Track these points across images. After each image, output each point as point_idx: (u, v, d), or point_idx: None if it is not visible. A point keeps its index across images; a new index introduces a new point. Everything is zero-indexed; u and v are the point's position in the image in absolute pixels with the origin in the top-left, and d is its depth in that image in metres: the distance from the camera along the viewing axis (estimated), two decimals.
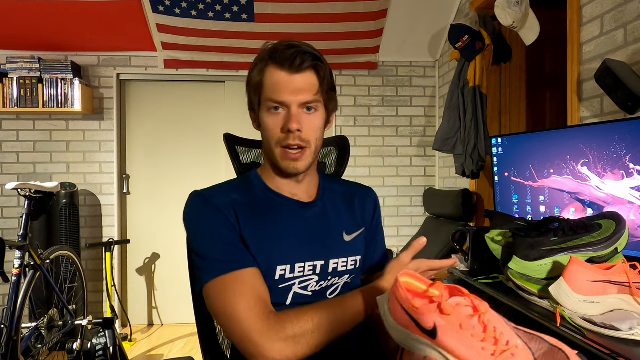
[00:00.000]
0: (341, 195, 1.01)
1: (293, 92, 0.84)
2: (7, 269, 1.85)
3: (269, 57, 0.86)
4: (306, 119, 0.86)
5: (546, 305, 0.96)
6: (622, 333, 0.79)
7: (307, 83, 0.85)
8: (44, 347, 2.12)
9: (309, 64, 0.84)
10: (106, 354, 2.04)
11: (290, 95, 0.84)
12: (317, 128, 0.89)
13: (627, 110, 1.34)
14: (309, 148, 0.88)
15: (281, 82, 0.84)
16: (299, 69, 0.84)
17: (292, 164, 0.88)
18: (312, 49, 0.87)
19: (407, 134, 3.37)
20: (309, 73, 0.85)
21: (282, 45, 0.85)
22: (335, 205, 0.98)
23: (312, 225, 0.93)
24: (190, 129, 3.35)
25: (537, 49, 2.36)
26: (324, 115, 0.91)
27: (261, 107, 0.89)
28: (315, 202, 0.96)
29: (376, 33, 3.08)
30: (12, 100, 2.90)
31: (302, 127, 0.85)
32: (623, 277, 0.87)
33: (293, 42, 0.85)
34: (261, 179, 0.96)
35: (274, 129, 0.87)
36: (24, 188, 2.13)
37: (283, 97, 0.84)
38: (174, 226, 3.32)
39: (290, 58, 0.83)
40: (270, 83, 0.85)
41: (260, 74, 0.87)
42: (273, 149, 0.89)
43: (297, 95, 0.84)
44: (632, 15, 1.50)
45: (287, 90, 0.84)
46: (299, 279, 0.87)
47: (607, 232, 1.00)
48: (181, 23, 2.92)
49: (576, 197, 1.38)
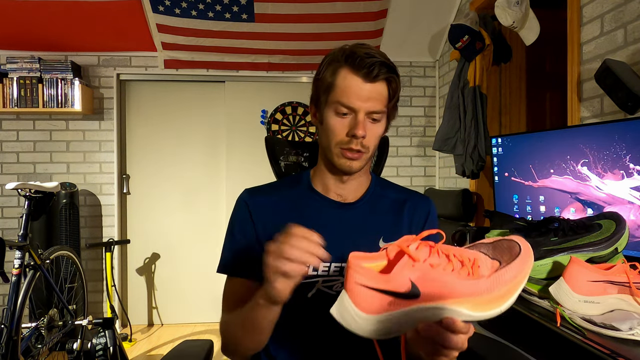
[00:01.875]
0: (391, 201, 1.00)
1: (364, 100, 0.85)
2: (7, 269, 1.85)
3: (345, 61, 0.86)
4: (370, 127, 0.88)
5: (546, 305, 0.96)
6: (622, 333, 0.79)
7: (378, 93, 0.86)
8: (44, 347, 2.12)
9: (384, 75, 0.85)
10: (106, 354, 2.04)
11: (360, 101, 0.85)
12: (378, 136, 0.91)
13: (627, 110, 1.34)
14: (366, 153, 0.90)
15: (354, 88, 0.85)
16: (375, 78, 0.84)
17: (348, 163, 0.90)
18: (388, 60, 0.87)
19: (407, 134, 3.37)
20: (381, 84, 0.86)
21: (361, 51, 0.85)
22: (380, 211, 0.98)
23: (347, 226, 0.94)
24: (190, 129, 3.35)
25: (537, 49, 2.36)
26: (385, 125, 0.93)
27: (327, 106, 0.89)
28: (356, 204, 0.97)
29: (376, 33, 3.08)
30: (12, 100, 2.90)
31: (366, 134, 0.87)
32: (623, 277, 0.87)
33: (371, 50, 0.86)
34: (309, 178, 1.00)
35: (339, 131, 0.88)
36: (24, 188, 2.13)
37: (353, 103, 0.85)
38: (174, 226, 3.32)
39: (367, 66, 0.83)
40: (342, 86, 0.86)
41: (333, 75, 0.87)
42: (332, 148, 0.91)
43: (366, 103, 0.85)
44: (632, 15, 1.50)
45: (358, 97, 0.85)
46: (323, 278, 0.90)
47: (607, 232, 1.00)
48: (181, 23, 2.92)
49: (576, 197, 1.38)
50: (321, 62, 0.92)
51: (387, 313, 0.54)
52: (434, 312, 0.55)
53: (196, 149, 3.35)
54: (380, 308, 0.54)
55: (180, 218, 3.32)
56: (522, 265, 0.58)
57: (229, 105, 3.32)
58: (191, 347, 0.99)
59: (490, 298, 0.56)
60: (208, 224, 3.34)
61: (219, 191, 3.33)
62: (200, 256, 3.31)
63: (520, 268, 0.58)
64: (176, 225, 3.32)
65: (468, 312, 0.55)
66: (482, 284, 0.56)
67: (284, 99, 3.33)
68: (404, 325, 0.56)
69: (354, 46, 0.88)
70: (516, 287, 0.58)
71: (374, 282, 0.54)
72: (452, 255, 0.58)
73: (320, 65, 0.92)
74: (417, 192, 1.07)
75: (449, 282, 0.55)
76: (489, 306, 0.56)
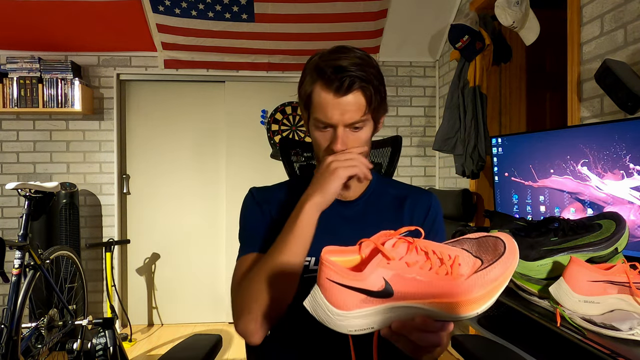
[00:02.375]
0: (392, 198, 1.01)
1: (339, 114, 0.85)
2: (7, 269, 1.85)
3: (317, 74, 0.85)
4: (352, 136, 0.88)
5: (546, 305, 0.96)
6: (622, 333, 0.79)
7: (354, 104, 0.84)
8: (44, 347, 2.12)
9: (357, 86, 0.83)
10: (106, 354, 2.04)
11: (337, 116, 0.85)
12: (364, 141, 0.90)
13: (627, 110, 1.34)
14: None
15: (328, 104, 0.84)
16: (347, 91, 0.83)
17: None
18: (360, 66, 0.84)
19: (407, 134, 3.37)
20: (356, 94, 0.84)
21: (329, 65, 0.83)
22: (381, 207, 0.98)
23: (346, 222, 0.95)
24: (190, 129, 3.35)
25: (537, 49, 2.36)
26: (372, 127, 0.92)
27: (310, 121, 0.91)
28: (357, 201, 0.98)
29: (376, 33, 3.08)
30: (12, 100, 2.90)
31: (347, 146, 0.87)
32: (623, 277, 0.87)
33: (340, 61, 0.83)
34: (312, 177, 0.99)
35: (322, 144, 0.90)
36: (24, 188, 2.13)
37: (330, 119, 0.85)
38: (174, 226, 3.32)
39: (338, 80, 0.82)
40: (317, 102, 0.86)
41: (309, 88, 0.87)
42: (321, 158, 0.92)
43: (343, 116, 0.85)
44: (632, 15, 1.50)
45: (334, 112, 0.84)
46: None
47: (607, 232, 1.00)
48: (181, 23, 2.92)
49: (576, 197, 1.38)
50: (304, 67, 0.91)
51: (359, 310, 0.53)
52: (407, 311, 0.54)
53: (196, 149, 3.35)
54: (352, 305, 0.53)
55: (180, 218, 3.32)
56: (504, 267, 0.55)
57: (229, 105, 3.32)
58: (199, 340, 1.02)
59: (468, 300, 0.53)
60: (208, 224, 3.34)
61: (219, 191, 3.33)
62: (200, 256, 3.31)
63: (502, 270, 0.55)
64: (176, 225, 3.32)
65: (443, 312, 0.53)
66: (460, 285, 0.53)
67: (284, 99, 3.33)
68: (377, 323, 0.54)
69: (323, 57, 0.86)
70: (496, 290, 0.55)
71: (345, 279, 0.53)
72: (431, 252, 0.55)
73: (301, 75, 0.91)
74: (420, 187, 1.07)
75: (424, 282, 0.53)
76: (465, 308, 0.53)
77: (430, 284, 0.53)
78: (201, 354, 0.95)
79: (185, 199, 3.33)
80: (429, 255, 0.55)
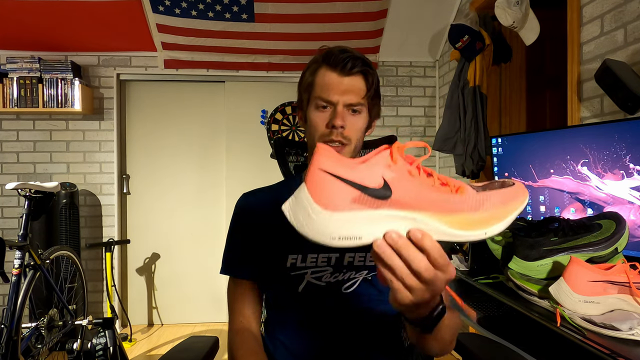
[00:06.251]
0: None
1: (341, 93, 0.89)
2: (7, 269, 1.85)
3: (323, 60, 0.91)
4: (350, 118, 0.91)
5: (546, 305, 0.96)
6: (622, 333, 0.79)
7: (355, 86, 0.90)
8: (44, 347, 2.12)
9: (359, 68, 0.89)
10: (106, 354, 2.04)
11: (338, 95, 0.89)
12: (359, 129, 0.93)
13: (627, 110, 1.34)
14: (349, 145, 0.92)
15: (331, 83, 0.89)
16: (350, 72, 0.88)
17: None
18: (363, 56, 0.92)
19: (407, 134, 3.37)
20: (358, 77, 0.90)
21: (336, 49, 0.91)
22: None
23: None
24: (190, 129, 3.35)
25: (537, 49, 2.36)
26: (367, 119, 0.95)
27: (309, 105, 0.94)
28: None
29: (376, 33, 3.08)
30: (12, 100, 2.90)
31: (345, 124, 0.89)
32: (623, 277, 0.87)
33: (346, 48, 0.91)
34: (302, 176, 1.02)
35: (320, 124, 0.91)
36: (24, 188, 2.13)
37: (331, 96, 0.89)
38: (174, 226, 3.32)
39: (342, 61, 0.88)
40: (321, 82, 0.91)
41: (313, 74, 0.93)
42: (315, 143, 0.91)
43: (344, 95, 0.89)
44: (632, 15, 1.50)
45: (336, 90, 0.89)
46: (312, 269, 0.91)
47: (607, 232, 1.00)
48: (181, 23, 2.92)
49: (576, 197, 1.38)
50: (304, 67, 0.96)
51: (348, 211, 0.45)
52: (402, 222, 0.47)
53: (196, 149, 3.35)
54: (342, 204, 0.45)
55: (180, 218, 3.32)
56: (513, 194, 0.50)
57: (229, 105, 3.32)
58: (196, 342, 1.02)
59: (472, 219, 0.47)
60: (208, 224, 3.34)
61: (219, 191, 3.33)
62: (200, 256, 3.31)
63: (512, 196, 0.50)
64: (176, 225, 3.32)
65: (443, 226, 0.47)
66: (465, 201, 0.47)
67: (284, 99, 3.33)
68: (366, 232, 0.46)
69: (332, 47, 0.93)
70: (504, 215, 0.48)
71: (341, 168, 0.46)
72: (435, 176, 0.50)
73: (303, 70, 0.96)
74: None
75: (425, 193, 0.47)
76: (469, 226, 0.47)
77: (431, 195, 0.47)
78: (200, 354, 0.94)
79: (186, 199, 3.33)
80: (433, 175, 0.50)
